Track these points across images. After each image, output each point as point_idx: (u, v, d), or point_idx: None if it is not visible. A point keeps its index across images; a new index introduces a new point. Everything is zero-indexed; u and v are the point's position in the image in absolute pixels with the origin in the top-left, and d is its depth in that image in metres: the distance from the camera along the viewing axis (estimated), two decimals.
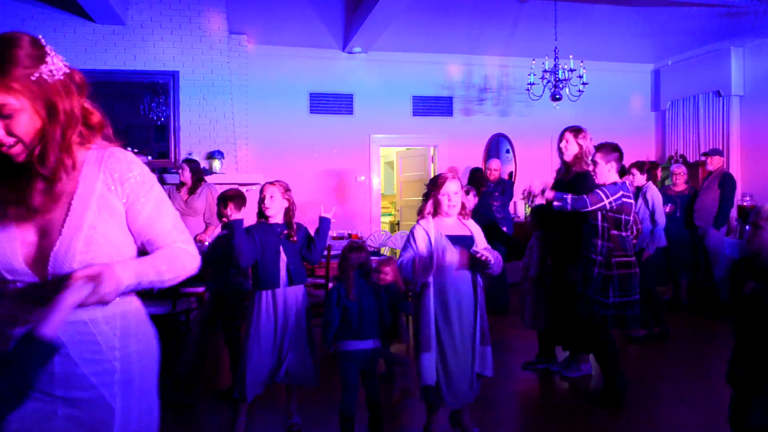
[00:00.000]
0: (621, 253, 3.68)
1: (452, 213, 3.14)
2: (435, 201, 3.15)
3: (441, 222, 3.14)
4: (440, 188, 3.13)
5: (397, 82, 8.26)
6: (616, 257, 3.67)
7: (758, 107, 7.64)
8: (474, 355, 3.06)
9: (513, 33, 7.71)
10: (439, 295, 3.04)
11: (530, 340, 4.89)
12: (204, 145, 6.82)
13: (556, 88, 6.95)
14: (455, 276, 3.04)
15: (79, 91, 1.44)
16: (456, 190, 3.13)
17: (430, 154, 8.61)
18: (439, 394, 3.05)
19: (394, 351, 4.75)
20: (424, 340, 2.99)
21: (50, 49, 1.36)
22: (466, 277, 3.09)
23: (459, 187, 3.17)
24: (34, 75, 1.30)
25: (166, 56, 6.73)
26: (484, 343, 3.08)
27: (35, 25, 6.46)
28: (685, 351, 5.02)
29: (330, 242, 6.28)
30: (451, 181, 3.15)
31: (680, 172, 6.79)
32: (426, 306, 3.02)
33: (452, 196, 3.11)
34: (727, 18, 7.11)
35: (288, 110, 7.91)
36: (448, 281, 3.03)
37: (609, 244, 3.68)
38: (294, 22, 7.27)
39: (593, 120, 7.30)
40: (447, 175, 3.20)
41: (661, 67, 8.91)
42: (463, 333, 3.04)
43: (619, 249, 3.68)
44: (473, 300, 3.09)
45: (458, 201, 3.14)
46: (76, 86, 1.42)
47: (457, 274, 3.04)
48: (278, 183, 3.41)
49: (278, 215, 3.34)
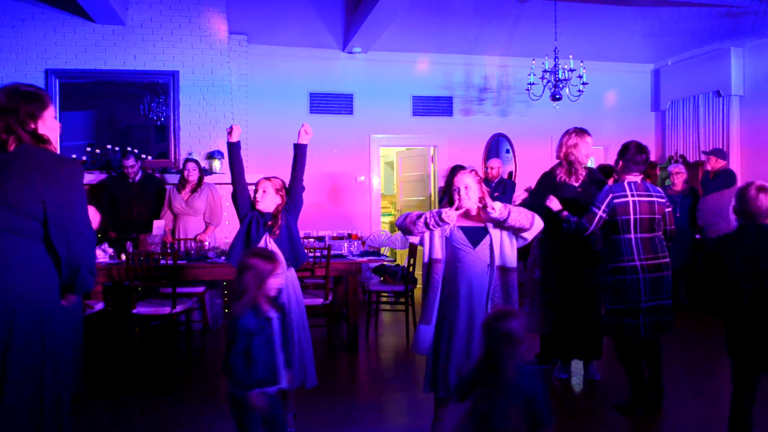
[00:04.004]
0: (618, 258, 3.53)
1: (463, 205, 3.15)
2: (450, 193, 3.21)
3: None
4: (453, 181, 3.18)
5: (397, 82, 8.25)
6: (612, 263, 3.56)
7: (758, 107, 7.64)
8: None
9: (513, 33, 7.71)
10: (448, 277, 3.12)
11: (531, 340, 4.89)
12: (204, 145, 6.82)
13: (556, 88, 6.95)
14: (469, 260, 3.08)
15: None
16: (468, 183, 3.13)
17: (430, 154, 8.61)
18: (445, 380, 3.06)
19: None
20: (426, 312, 3.12)
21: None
22: (482, 263, 3.10)
23: (474, 181, 3.15)
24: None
25: (166, 56, 6.73)
26: None
27: (35, 25, 6.47)
28: (685, 351, 5.02)
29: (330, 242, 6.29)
30: (464, 174, 3.17)
31: (679, 172, 6.80)
32: (434, 282, 3.11)
33: (463, 189, 3.13)
34: (727, 18, 7.11)
35: (288, 110, 7.90)
36: (459, 265, 3.09)
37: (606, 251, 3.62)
38: (294, 22, 7.26)
39: (593, 120, 7.30)
40: (460, 169, 3.23)
41: (661, 67, 8.91)
42: (472, 318, 3.05)
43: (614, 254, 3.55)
44: (487, 286, 3.09)
45: (470, 194, 3.13)
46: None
47: (471, 258, 3.07)
48: (273, 179, 3.45)
49: (269, 209, 3.39)
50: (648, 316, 3.52)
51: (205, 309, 5.57)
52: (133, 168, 6.02)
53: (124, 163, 6.00)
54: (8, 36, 6.44)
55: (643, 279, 3.50)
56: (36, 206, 2.05)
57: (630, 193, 3.55)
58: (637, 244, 3.52)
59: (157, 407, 3.85)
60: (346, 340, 5.25)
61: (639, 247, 3.52)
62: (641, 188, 3.59)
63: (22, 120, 2.10)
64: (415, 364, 4.72)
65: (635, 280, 3.50)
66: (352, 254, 5.57)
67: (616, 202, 3.53)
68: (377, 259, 5.71)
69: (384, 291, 5.85)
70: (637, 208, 3.53)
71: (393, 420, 3.80)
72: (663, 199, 3.66)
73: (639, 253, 3.52)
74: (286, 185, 3.52)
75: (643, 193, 3.58)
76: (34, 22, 6.47)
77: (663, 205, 3.65)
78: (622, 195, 3.54)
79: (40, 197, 2.05)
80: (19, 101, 2.12)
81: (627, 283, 3.51)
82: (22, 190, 2.04)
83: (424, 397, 3.60)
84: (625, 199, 3.53)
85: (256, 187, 3.44)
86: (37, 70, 6.45)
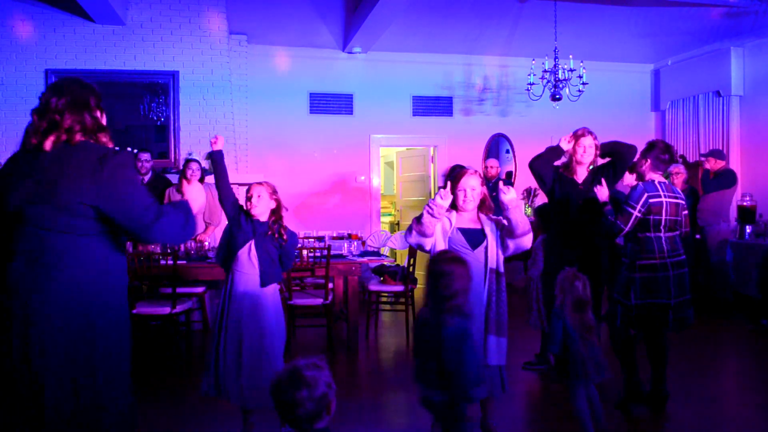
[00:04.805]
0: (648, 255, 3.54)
1: (468, 207, 3.16)
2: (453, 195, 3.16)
3: (458, 215, 3.18)
4: (458, 183, 3.16)
5: (396, 82, 8.25)
6: (642, 260, 3.55)
7: (758, 107, 7.63)
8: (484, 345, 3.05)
9: (513, 33, 7.71)
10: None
11: (531, 340, 4.89)
12: (204, 145, 6.81)
13: (556, 88, 6.95)
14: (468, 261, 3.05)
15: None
16: (473, 185, 3.14)
17: (430, 154, 8.61)
18: None
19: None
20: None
21: None
22: (479, 264, 3.09)
23: (478, 183, 3.16)
24: None
25: (166, 56, 6.73)
26: (488, 332, 3.07)
27: (35, 25, 6.47)
28: (685, 351, 5.02)
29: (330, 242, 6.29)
30: (469, 176, 3.16)
31: (679, 172, 6.79)
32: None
33: (469, 191, 3.13)
34: (727, 18, 7.11)
35: (288, 110, 7.91)
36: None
37: (636, 247, 3.59)
38: (294, 22, 7.26)
39: (593, 120, 7.27)
40: (466, 170, 3.21)
41: (660, 67, 8.91)
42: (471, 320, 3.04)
43: (645, 251, 3.55)
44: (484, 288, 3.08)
45: (474, 196, 3.15)
46: None
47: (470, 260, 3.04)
48: (266, 183, 3.41)
49: (263, 215, 3.34)
50: (676, 312, 3.56)
51: (205, 309, 5.58)
52: (148, 163, 5.97)
53: (139, 156, 5.94)
54: (8, 36, 6.44)
55: (672, 276, 3.54)
56: (86, 207, 1.95)
57: (663, 194, 3.55)
58: (666, 241, 3.55)
59: (157, 407, 3.85)
60: (346, 340, 5.25)
61: (667, 245, 3.55)
62: (669, 189, 3.61)
63: (93, 110, 2.04)
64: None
65: (665, 278, 3.52)
66: (352, 254, 5.57)
67: (652, 201, 3.51)
68: (377, 259, 5.71)
69: (384, 291, 5.85)
70: (668, 209, 3.54)
71: (393, 420, 3.80)
72: (683, 201, 3.69)
73: (669, 251, 3.55)
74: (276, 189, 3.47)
75: (671, 194, 3.59)
76: (34, 22, 6.47)
77: (683, 207, 3.68)
78: (656, 195, 3.53)
79: (90, 202, 1.94)
80: (89, 93, 2.07)
81: (658, 280, 3.52)
82: (70, 191, 1.93)
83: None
84: (660, 199, 3.53)
85: (249, 193, 3.33)
86: (37, 70, 6.46)
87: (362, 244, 6.42)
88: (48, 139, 1.96)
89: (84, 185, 1.93)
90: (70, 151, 1.97)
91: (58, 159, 1.95)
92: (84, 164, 1.95)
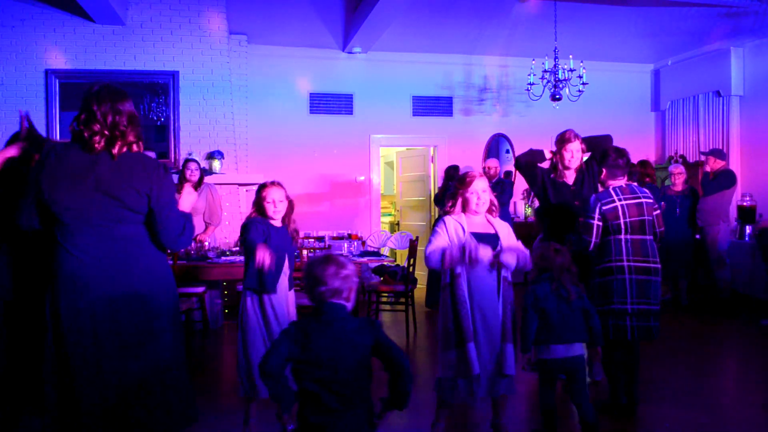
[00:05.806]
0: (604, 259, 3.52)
1: (481, 210, 3.18)
2: (463, 199, 3.18)
3: (468, 219, 3.18)
4: (469, 186, 3.17)
5: (396, 82, 8.26)
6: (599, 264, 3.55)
7: (758, 107, 7.64)
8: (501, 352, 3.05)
9: (513, 33, 7.71)
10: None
11: None
12: (204, 145, 6.82)
13: (556, 88, 6.95)
14: (481, 271, 3.07)
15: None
16: (484, 188, 3.18)
17: (430, 154, 8.61)
18: (454, 387, 3.06)
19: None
20: (465, 330, 3.01)
21: None
22: (492, 273, 3.10)
23: (487, 185, 3.21)
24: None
25: (166, 56, 6.73)
26: (505, 340, 3.07)
27: (35, 25, 6.46)
28: (685, 351, 5.02)
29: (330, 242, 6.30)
30: (480, 179, 3.20)
31: (679, 172, 6.80)
32: (461, 297, 3.04)
33: (481, 194, 3.16)
34: (727, 18, 7.11)
35: (288, 110, 7.92)
36: (473, 275, 3.07)
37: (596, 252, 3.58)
38: (294, 22, 7.26)
39: (593, 120, 7.31)
40: (475, 174, 3.23)
41: (660, 67, 8.91)
42: (487, 328, 3.04)
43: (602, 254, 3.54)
44: (496, 295, 3.09)
45: (487, 199, 3.18)
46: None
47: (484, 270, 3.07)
48: (278, 184, 3.37)
49: (279, 219, 3.33)
50: (636, 320, 3.49)
51: (205, 309, 5.58)
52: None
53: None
54: (8, 36, 6.44)
55: (629, 280, 3.47)
56: (142, 203, 2.37)
57: (617, 198, 3.54)
58: (626, 244, 3.51)
59: None
60: None
61: (629, 248, 3.50)
62: (627, 191, 3.58)
63: (137, 125, 2.50)
64: (415, 363, 4.71)
65: (622, 281, 3.48)
66: (352, 254, 5.57)
67: (605, 208, 3.51)
68: (377, 259, 5.71)
69: (384, 291, 5.85)
70: (626, 212, 3.52)
71: (393, 420, 3.79)
72: (650, 200, 3.65)
73: (628, 254, 3.50)
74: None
75: (630, 195, 3.56)
76: (34, 22, 6.47)
77: (651, 205, 3.63)
78: (609, 201, 3.53)
79: (146, 193, 2.37)
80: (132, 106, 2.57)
81: (614, 284, 3.49)
82: (131, 189, 2.35)
83: (424, 397, 3.61)
84: (613, 204, 3.52)
85: (269, 196, 3.24)
86: (37, 70, 6.46)
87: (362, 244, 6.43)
88: (115, 146, 2.38)
89: (146, 185, 2.37)
90: (134, 157, 2.41)
91: (122, 163, 2.37)
92: (149, 168, 2.41)
